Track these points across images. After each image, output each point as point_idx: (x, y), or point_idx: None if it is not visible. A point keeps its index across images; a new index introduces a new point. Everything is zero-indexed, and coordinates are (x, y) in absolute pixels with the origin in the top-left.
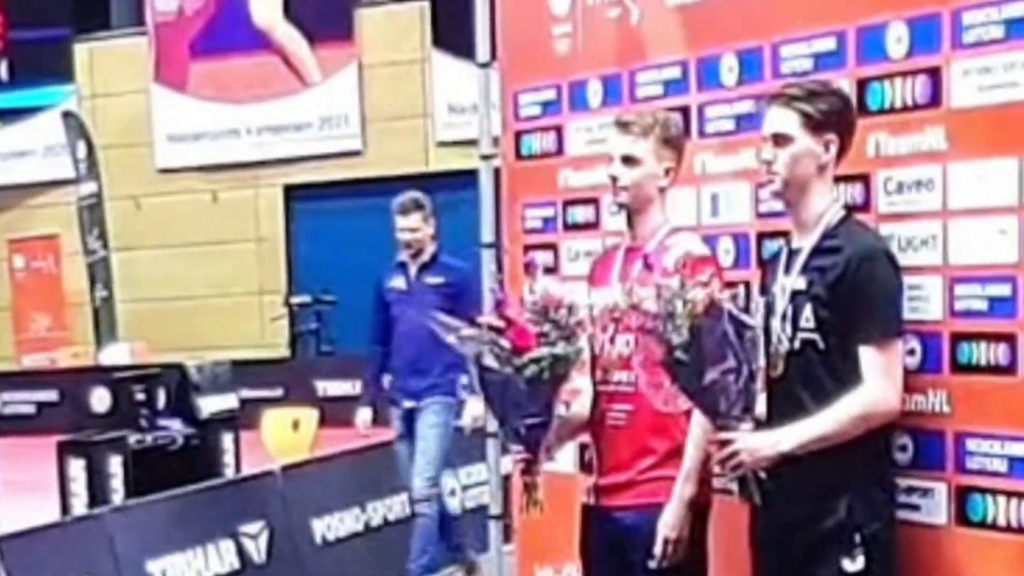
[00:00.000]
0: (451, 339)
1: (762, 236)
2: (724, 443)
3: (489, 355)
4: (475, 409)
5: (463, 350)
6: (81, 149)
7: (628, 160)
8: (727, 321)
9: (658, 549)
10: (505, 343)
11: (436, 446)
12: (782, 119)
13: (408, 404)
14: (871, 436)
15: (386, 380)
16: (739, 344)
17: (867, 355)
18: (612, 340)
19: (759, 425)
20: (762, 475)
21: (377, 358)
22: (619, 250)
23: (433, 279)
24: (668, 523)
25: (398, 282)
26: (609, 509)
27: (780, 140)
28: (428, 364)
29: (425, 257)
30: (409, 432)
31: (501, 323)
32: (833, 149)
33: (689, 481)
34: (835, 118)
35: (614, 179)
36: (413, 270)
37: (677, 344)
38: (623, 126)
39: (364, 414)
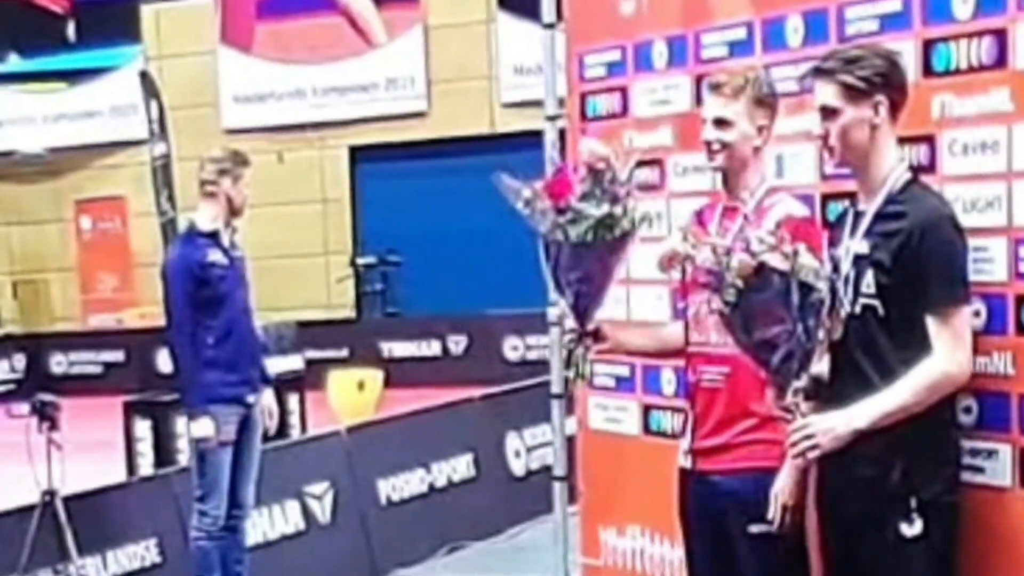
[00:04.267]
0: (519, 206)
1: (827, 197)
2: (792, 420)
3: (556, 230)
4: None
5: (538, 226)
6: (154, 109)
7: (720, 123)
8: (786, 282)
9: (775, 515)
10: (546, 198)
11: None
12: (825, 93)
13: (252, 399)
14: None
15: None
16: (798, 305)
17: (935, 324)
18: (709, 301)
19: (821, 386)
20: None
21: (200, 355)
22: (717, 207)
23: (240, 248)
24: (785, 489)
25: (217, 255)
26: (706, 473)
27: (828, 113)
28: (258, 347)
29: (236, 223)
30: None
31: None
32: (883, 111)
33: None
34: (879, 80)
35: (708, 143)
36: (227, 239)
37: (726, 301)
38: (715, 88)
39: (206, 426)
